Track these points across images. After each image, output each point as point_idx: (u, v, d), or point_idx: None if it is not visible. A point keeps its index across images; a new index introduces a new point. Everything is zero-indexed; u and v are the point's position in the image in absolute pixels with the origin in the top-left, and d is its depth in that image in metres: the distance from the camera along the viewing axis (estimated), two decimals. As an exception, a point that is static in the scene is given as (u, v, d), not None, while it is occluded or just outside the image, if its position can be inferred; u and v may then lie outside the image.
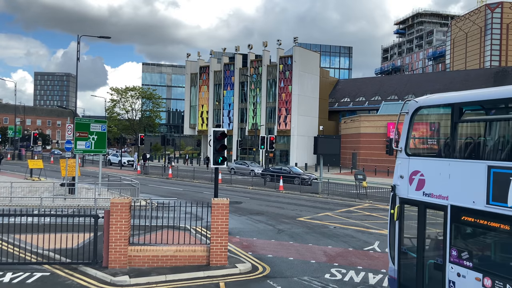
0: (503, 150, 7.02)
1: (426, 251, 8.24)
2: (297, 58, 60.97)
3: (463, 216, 7.41)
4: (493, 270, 6.91)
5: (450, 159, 7.77)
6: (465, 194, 7.32)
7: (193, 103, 74.27)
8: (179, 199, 24.10)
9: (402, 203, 8.63)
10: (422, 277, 8.15)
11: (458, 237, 7.60)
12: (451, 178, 7.63)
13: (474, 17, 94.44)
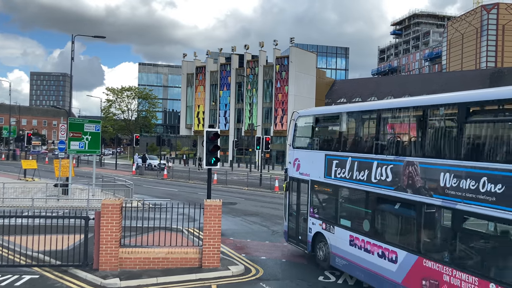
0: (328, 144, 12.09)
1: (300, 210, 12.93)
2: (293, 58, 60.91)
3: (315, 186, 12.14)
4: (325, 218, 11.75)
5: (311, 150, 12.61)
6: (316, 172, 11.93)
7: (189, 103, 74.08)
8: (173, 200, 23.96)
9: (290, 179, 13.31)
10: (297, 227, 13.02)
11: (313, 200, 12.29)
12: (311, 162, 12.18)
13: (470, 18, 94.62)
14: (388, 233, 9.64)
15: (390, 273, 9.26)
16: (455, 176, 7.75)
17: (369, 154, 10.11)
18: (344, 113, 11.43)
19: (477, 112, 7.95)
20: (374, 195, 9.82)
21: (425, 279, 8.31)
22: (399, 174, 9.07)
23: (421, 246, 8.52)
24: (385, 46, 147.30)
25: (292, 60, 60.90)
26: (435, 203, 8.19)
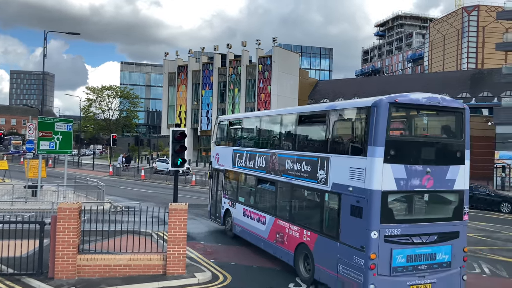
0: (235, 142, 15.55)
1: (218, 193, 16.51)
2: (276, 58, 60.47)
3: (227, 173, 15.67)
4: (231, 197, 15.37)
5: (226, 146, 16.04)
6: (228, 162, 15.43)
7: (171, 103, 73.06)
8: (148, 202, 23.21)
9: (213, 170, 16.81)
10: (216, 206, 16.65)
11: (225, 185, 15.87)
12: (225, 155, 15.71)
13: (451, 19, 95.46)
14: (261, 204, 13.39)
15: (261, 232, 13.05)
16: (292, 162, 11.49)
17: (255, 148, 13.93)
18: (242, 119, 16.05)
19: (303, 120, 11.73)
20: (256, 178, 13.55)
21: (277, 233, 12.14)
22: (268, 161, 12.76)
23: (277, 210, 12.36)
24: (369, 47, 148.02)
25: (275, 60, 60.46)
26: (283, 180, 11.93)
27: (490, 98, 55.96)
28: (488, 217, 23.12)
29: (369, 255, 8.59)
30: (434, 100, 9.33)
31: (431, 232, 9.12)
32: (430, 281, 9.04)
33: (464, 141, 9.91)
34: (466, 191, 9.76)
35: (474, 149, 45.18)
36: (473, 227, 19.57)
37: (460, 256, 9.50)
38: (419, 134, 9.87)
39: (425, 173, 9.03)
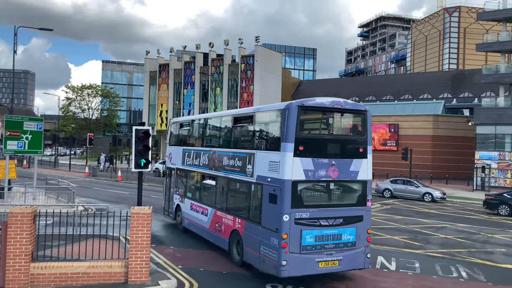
0: (185, 142, 16.99)
1: (170, 190, 17.68)
2: (259, 57, 59.92)
3: (178, 171, 16.94)
4: (181, 193, 16.66)
5: (177, 146, 17.30)
6: (179, 161, 16.65)
7: (152, 102, 71.93)
8: (122, 204, 22.42)
9: (166, 169, 18.28)
10: (169, 202, 17.78)
11: (176, 182, 17.12)
12: (177, 154, 16.99)
13: (433, 20, 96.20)
14: (204, 198, 14.68)
15: (204, 223, 14.33)
16: (228, 158, 12.80)
17: (200, 147, 15.24)
18: (190, 120, 17.44)
19: (237, 121, 12.96)
20: (201, 174, 14.93)
21: (216, 223, 13.41)
22: (210, 159, 14.07)
23: (216, 203, 13.61)
24: (352, 48, 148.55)
25: (257, 59, 59.90)
26: (221, 175, 13.24)
27: (470, 98, 56.35)
28: (467, 218, 22.91)
29: (281, 236, 9.99)
30: (337, 104, 10.90)
31: (337, 216, 10.62)
32: (336, 258, 10.49)
33: (366, 138, 11.21)
34: (369, 181, 11.24)
35: (455, 149, 45.45)
36: (452, 228, 19.31)
37: (364, 237, 10.92)
38: (326, 132, 11.61)
39: (331, 165, 10.55)
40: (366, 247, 10.92)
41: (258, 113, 12.00)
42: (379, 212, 23.70)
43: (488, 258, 14.15)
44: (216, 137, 14.56)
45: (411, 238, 16.71)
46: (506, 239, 17.35)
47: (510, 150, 39.24)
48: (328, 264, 10.39)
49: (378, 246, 15.13)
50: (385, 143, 50.43)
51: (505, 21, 40.52)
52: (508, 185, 38.93)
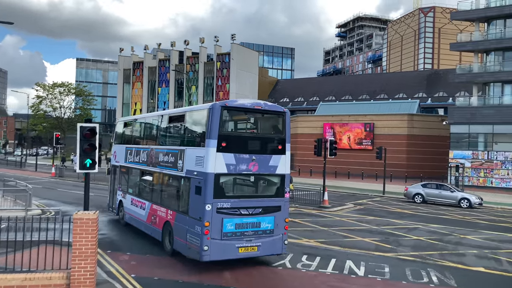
0: (128, 140, 17.63)
1: (114, 187, 18.22)
2: (235, 55, 59.09)
3: (122, 169, 17.45)
4: (123, 190, 17.27)
5: (121, 145, 18.04)
6: (122, 159, 17.36)
7: (126, 101, 70.35)
8: (82, 207, 21.29)
9: (111, 166, 18.93)
10: (113, 199, 18.34)
11: (120, 179, 17.67)
12: (120, 152, 17.67)
13: (409, 20, 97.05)
14: (143, 193, 15.37)
15: (142, 216, 14.96)
16: (163, 155, 13.64)
17: (140, 145, 15.98)
18: (132, 120, 18.25)
19: (171, 120, 13.90)
20: (140, 170, 15.56)
21: (152, 216, 14.10)
22: (148, 156, 14.79)
23: (152, 197, 14.44)
24: (330, 48, 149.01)
25: (233, 57, 59.08)
26: (157, 170, 14.09)
27: (445, 98, 56.74)
28: (440, 218, 22.58)
29: (204, 223, 10.90)
30: (257, 105, 12.05)
31: (257, 206, 11.63)
32: (255, 244, 11.49)
33: (285, 137, 12.25)
34: (287, 175, 12.29)
35: (429, 149, 45.39)
36: (425, 229, 18.88)
37: (282, 225, 12.00)
38: (247, 131, 12.88)
39: (251, 160, 11.52)
40: (283, 234, 12.06)
41: (188, 112, 13.23)
42: (351, 212, 23.19)
43: (459, 260, 13.67)
44: (154, 136, 15.36)
45: (383, 240, 16.16)
46: (478, 240, 16.98)
47: (483, 149, 39.44)
48: (247, 249, 11.41)
49: (347, 249, 14.51)
50: (361, 142, 50.25)
51: (478, 21, 40.73)
52: (481, 184, 39.14)
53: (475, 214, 24.78)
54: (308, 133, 51.63)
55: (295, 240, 15.62)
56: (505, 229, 20.19)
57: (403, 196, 30.60)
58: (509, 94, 39.18)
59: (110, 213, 19.08)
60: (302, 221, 19.71)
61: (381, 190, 33.06)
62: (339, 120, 52.09)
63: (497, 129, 38.72)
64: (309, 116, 57.02)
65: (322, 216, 21.55)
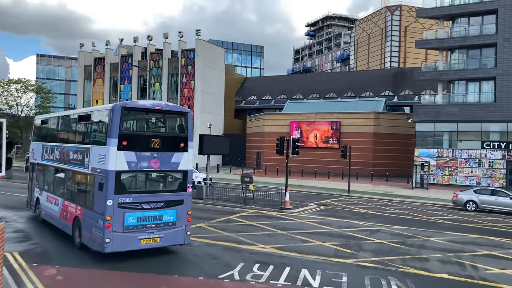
0: (44, 138, 17.82)
1: (32, 184, 18.36)
2: (200, 52, 57.41)
3: (38, 166, 17.69)
4: (40, 186, 17.27)
5: (38, 142, 18.33)
6: (39, 156, 17.66)
7: (86, 98, 67.55)
8: (27, 211, 19.52)
9: (30, 164, 19.09)
10: (31, 196, 18.53)
11: (37, 176, 17.75)
12: (38, 150, 17.96)
13: (376, 18, 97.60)
14: (57, 189, 15.57)
15: (56, 212, 15.23)
16: (73, 152, 14.12)
17: (54, 143, 16.25)
18: (49, 118, 18.19)
19: (81, 119, 14.36)
20: (54, 168, 15.80)
21: (64, 211, 14.44)
22: (61, 153, 15.18)
23: (64, 193, 14.78)
24: (300, 47, 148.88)
25: (198, 54, 57.38)
26: (68, 167, 14.48)
27: (411, 96, 56.87)
28: (404, 219, 21.85)
29: (105, 218, 11.53)
30: (158, 106, 12.82)
31: (159, 200, 12.37)
32: (158, 235, 12.23)
33: (187, 135, 13.11)
34: (190, 171, 13.12)
35: (395, 147, 44.92)
36: (388, 231, 18.00)
37: (184, 218, 12.84)
38: (148, 130, 13.27)
39: (153, 158, 12.23)
40: (186, 226, 12.89)
41: (94, 112, 13.61)
42: (314, 213, 22.16)
43: (422, 266, 12.76)
44: (66, 134, 15.67)
45: (343, 245, 15.13)
46: (442, 243, 16.19)
47: (448, 147, 39.37)
48: (150, 241, 12.12)
49: (304, 255, 13.38)
50: (327, 140, 49.63)
51: (443, 19, 40.65)
52: (446, 182, 39.06)
53: None
54: (275, 132, 50.63)
55: (249, 246, 14.39)
56: None
57: (451, 203, 27.63)
58: (473, 92, 39.25)
59: (28, 210, 19.06)
60: (260, 224, 18.51)
61: (346, 189, 32.29)
62: (306, 119, 51.33)
63: (461, 127, 38.71)
64: (276, 115, 56.05)
65: (282, 218, 20.42)
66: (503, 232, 19.42)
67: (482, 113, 37.74)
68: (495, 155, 37.38)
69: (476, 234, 18.19)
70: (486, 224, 21.36)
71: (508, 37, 36.98)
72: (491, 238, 17.66)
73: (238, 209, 22.47)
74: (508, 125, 36.91)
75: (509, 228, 20.57)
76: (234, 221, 19.18)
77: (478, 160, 38.06)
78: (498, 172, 37.30)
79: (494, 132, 37.84)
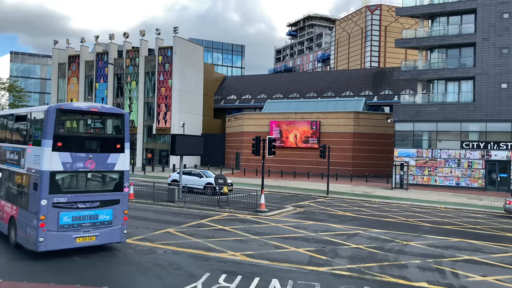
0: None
1: None
2: (177, 49, 56.12)
3: None
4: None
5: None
6: None
7: (61, 97, 65.58)
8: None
9: None
10: None
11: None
12: None
13: (356, 18, 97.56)
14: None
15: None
16: (10, 152, 14.31)
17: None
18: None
19: (18, 119, 14.31)
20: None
21: (1, 211, 14.43)
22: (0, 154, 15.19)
23: (1, 193, 14.68)
24: (281, 47, 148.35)
25: (176, 52, 56.08)
26: (4, 167, 14.62)
27: (391, 96, 56.65)
28: (383, 222, 21.15)
29: (39, 217, 11.71)
30: (94, 108, 13.06)
31: (95, 200, 12.65)
32: (93, 234, 12.49)
33: (124, 136, 13.33)
34: (126, 171, 13.38)
35: (375, 147, 44.31)
36: (366, 235, 17.23)
37: (121, 217, 13.12)
38: (84, 131, 13.88)
39: (88, 158, 12.48)
40: (122, 225, 13.16)
41: (31, 113, 13.54)
42: (290, 216, 21.28)
43: (401, 274, 11.98)
44: (3, 133, 15.49)
45: (318, 250, 14.27)
46: (422, 247, 15.47)
47: (427, 147, 39.06)
48: (85, 239, 12.37)
49: (276, 263, 12.48)
50: (307, 140, 48.97)
51: (422, 18, 40.33)
52: (425, 182, 38.74)
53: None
54: (254, 131, 49.70)
55: (218, 253, 13.41)
56: None
57: (503, 211, 24.99)
58: (452, 91, 39.02)
59: None
60: (232, 229, 17.54)
61: (326, 190, 31.54)
62: (285, 118, 50.57)
63: (441, 126, 38.44)
64: (255, 114, 55.13)
65: (257, 222, 19.48)
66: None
67: (461, 113, 37.52)
68: (474, 155, 37.19)
69: (456, 238, 17.57)
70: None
71: (486, 36, 36.83)
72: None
73: (211, 213, 21.45)
74: (487, 125, 36.76)
75: None
76: (205, 225, 18.16)
77: (457, 160, 37.83)
78: (477, 172, 37.12)
79: (473, 132, 37.66)
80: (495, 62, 36.49)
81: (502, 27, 36.43)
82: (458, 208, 26.85)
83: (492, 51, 36.67)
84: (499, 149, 36.29)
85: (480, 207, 27.22)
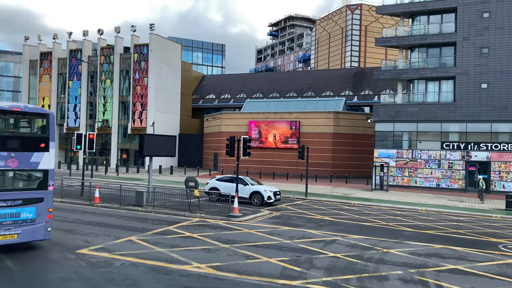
0: None
1: None
2: (153, 47, 54.46)
3: None
4: None
5: None
6: None
7: (32, 95, 63.13)
8: None
9: None
10: None
11: None
12: None
13: (336, 17, 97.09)
14: None
15: None
16: None
17: None
18: None
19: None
20: None
21: None
22: None
23: None
24: (263, 47, 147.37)
25: (152, 49, 54.41)
26: None
27: (371, 96, 56.06)
28: (363, 226, 20.12)
29: None
30: (16, 107, 13.09)
31: (17, 198, 12.61)
32: (15, 232, 12.48)
33: (48, 135, 13.37)
34: (51, 170, 13.37)
35: (355, 147, 43.13)
36: (344, 242, 16.12)
37: (44, 215, 13.15)
38: (5, 130, 13.32)
39: (10, 157, 12.45)
40: (46, 222, 13.23)
41: None
42: (265, 221, 20.06)
43: (382, 286, 10.88)
44: None
45: (292, 261, 13.09)
46: (403, 255, 14.43)
47: (407, 147, 38.41)
48: (6, 237, 12.32)
49: (245, 276, 11.25)
50: (287, 141, 47.92)
51: (403, 16, 39.69)
52: (405, 183, 38.06)
53: None
54: (233, 132, 48.42)
55: (181, 266, 12.10)
56: None
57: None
58: (433, 91, 38.46)
59: None
60: (201, 236, 16.23)
61: (304, 192, 30.45)
62: (265, 118, 49.43)
63: (421, 127, 37.83)
64: (234, 114, 53.81)
65: (229, 228, 18.21)
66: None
67: (442, 113, 36.96)
68: (455, 155, 36.66)
69: (439, 244, 16.62)
70: None
71: (467, 36, 36.34)
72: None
73: (181, 218, 20.08)
74: (467, 125, 36.27)
75: None
76: (172, 232, 16.81)
77: (437, 161, 37.25)
78: (458, 173, 36.60)
79: (453, 132, 37.13)
80: (476, 61, 36.04)
81: (483, 27, 35.99)
82: (439, 210, 26.07)
83: (472, 50, 36.21)
84: (479, 149, 35.83)
85: (461, 209, 26.50)
